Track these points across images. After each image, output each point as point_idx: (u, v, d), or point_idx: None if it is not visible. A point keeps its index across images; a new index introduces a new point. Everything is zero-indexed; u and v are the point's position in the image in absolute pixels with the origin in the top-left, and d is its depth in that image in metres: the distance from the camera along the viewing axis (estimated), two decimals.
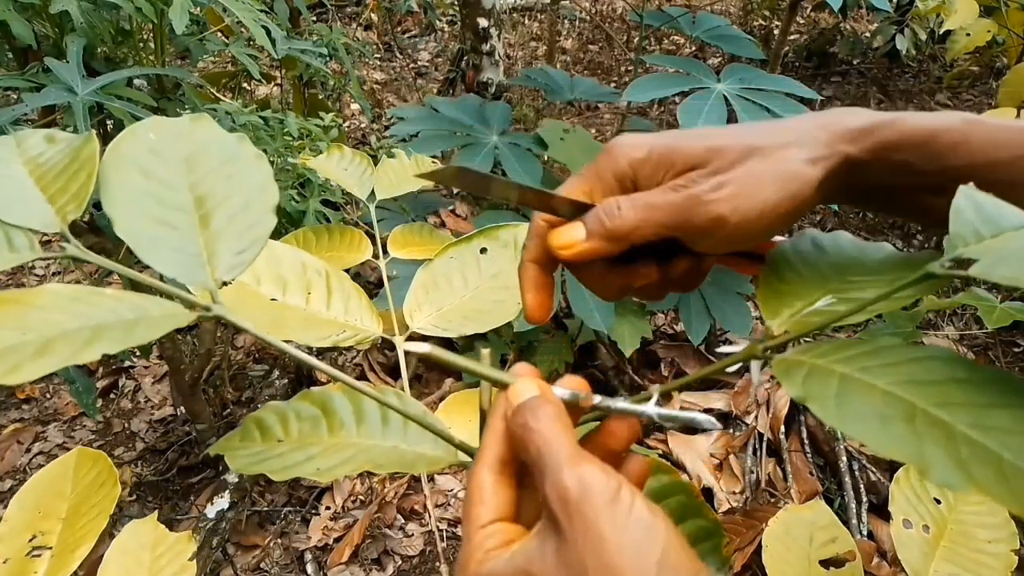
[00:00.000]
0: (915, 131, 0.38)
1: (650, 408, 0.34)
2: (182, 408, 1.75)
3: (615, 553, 0.27)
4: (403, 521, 1.64)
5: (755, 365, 0.35)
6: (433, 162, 0.90)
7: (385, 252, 0.81)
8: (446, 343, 1.96)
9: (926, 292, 0.34)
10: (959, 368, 0.31)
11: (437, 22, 3.89)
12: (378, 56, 3.60)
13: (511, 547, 0.31)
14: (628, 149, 0.37)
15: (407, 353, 0.35)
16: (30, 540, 0.50)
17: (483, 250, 0.59)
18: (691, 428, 1.75)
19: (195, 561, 0.53)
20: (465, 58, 2.38)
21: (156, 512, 0.58)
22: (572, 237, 0.37)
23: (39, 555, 0.50)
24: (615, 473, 0.29)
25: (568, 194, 0.37)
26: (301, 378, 1.90)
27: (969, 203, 0.34)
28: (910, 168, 0.38)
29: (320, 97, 2.27)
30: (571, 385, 0.35)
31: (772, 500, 1.62)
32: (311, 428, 0.46)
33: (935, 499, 0.66)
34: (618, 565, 0.27)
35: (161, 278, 0.36)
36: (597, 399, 0.35)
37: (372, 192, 0.83)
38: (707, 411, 1.81)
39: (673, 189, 0.36)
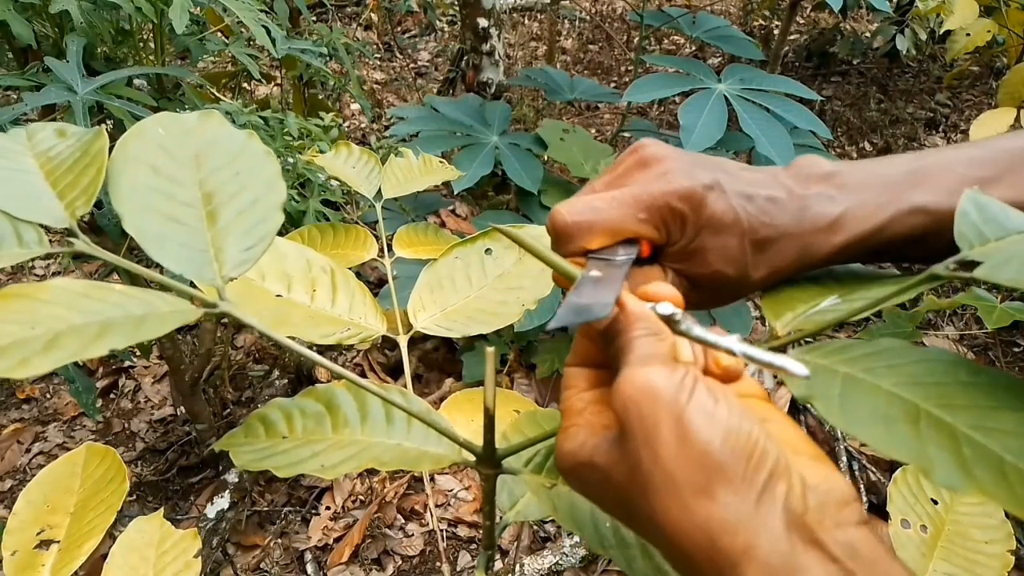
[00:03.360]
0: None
1: (733, 342, 0.31)
2: (182, 408, 1.75)
3: (671, 449, 0.26)
4: (403, 521, 1.63)
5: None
6: (441, 162, 0.90)
7: (389, 251, 0.81)
8: (447, 343, 1.95)
9: (929, 291, 0.34)
10: (962, 370, 0.31)
11: (437, 22, 3.89)
12: (378, 56, 3.60)
13: (592, 422, 0.31)
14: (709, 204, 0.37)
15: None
16: (38, 533, 0.50)
17: (488, 251, 0.59)
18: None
19: (200, 559, 0.53)
20: (465, 58, 2.38)
21: (161, 509, 0.58)
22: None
23: (47, 549, 0.50)
24: (683, 368, 0.28)
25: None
26: (301, 378, 1.90)
27: (973, 206, 0.35)
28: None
29: (320, 97, 2.27)
30: (665, 295, 0.33)
31: None
32: (315, 425, 0.46)
33: (932, 500, 0.66)
34: (672, 462, 0.26)
35: (162, 271, 0.36)
36: (684, 324, 0.32)
37: (379, 191, 0.83)
38: None
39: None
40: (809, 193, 0.38)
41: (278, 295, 0.51)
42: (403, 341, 0.58)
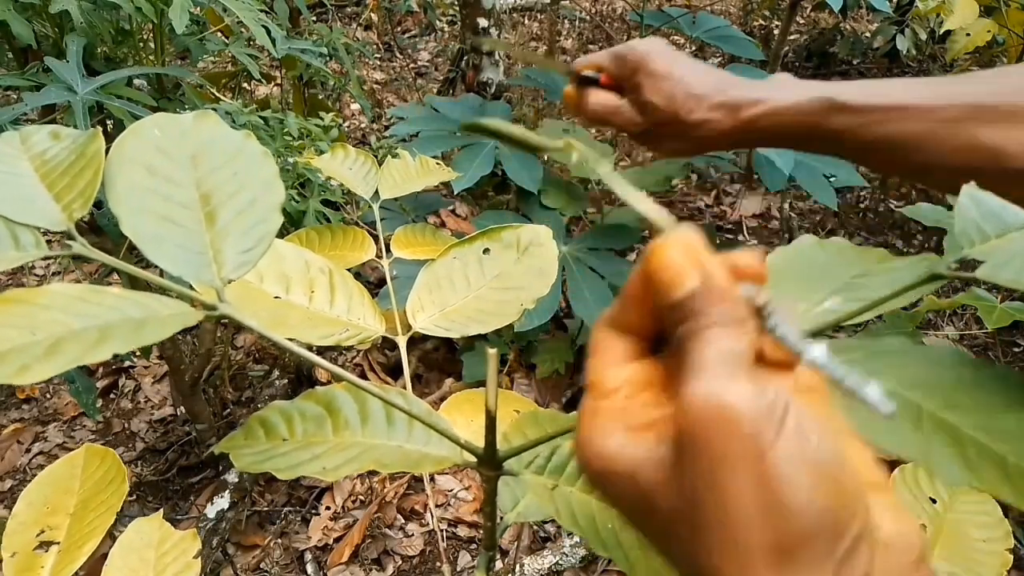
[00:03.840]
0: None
1: (820, 354, 0.25)
2: (182, 408, 1.75)
3: (742, 497, 0.21)
4: (403, 521, 1.63)
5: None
6: (438, 163, 0.90)
7: (388, 252, 0.81)
8: (447, 343, 1.95)
9: (929, 291, 0.34)
10: (965, 370, 0.31)
11: (437, 22, 3.88)
12: (378, 56, 3.60)
13: (629, 408, 0.25)
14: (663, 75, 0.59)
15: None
16: (38, 535, 0.50)
17: (486, 251, 0.59)
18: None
19: (199, 559, 0.53)
20: (465, 58, 2.38)
21: (161, 510, 0.58)
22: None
23: (46, 550, 0.50)
24: (775, 387, 0.22)
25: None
26: (301, 378, 1.90)
27: (972, 202, 0.35)
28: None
29: (320, 97, 2.27)
30: (751, 271, 0.26)
31: None
32: (316, 427, 0.46)
33: (931, 499, 0.66)
34: (741, 513, 0.21)
35: (162, 274, 0.36)
36: (774, 319, 0.25)
37: (376, 192, 0.83)
38: None
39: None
40: (758, 84, 0.58)
41: (276, 296, 0.51)
42: (402, 342, 0.58)
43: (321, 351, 1.76)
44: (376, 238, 0.82)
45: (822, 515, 0.21)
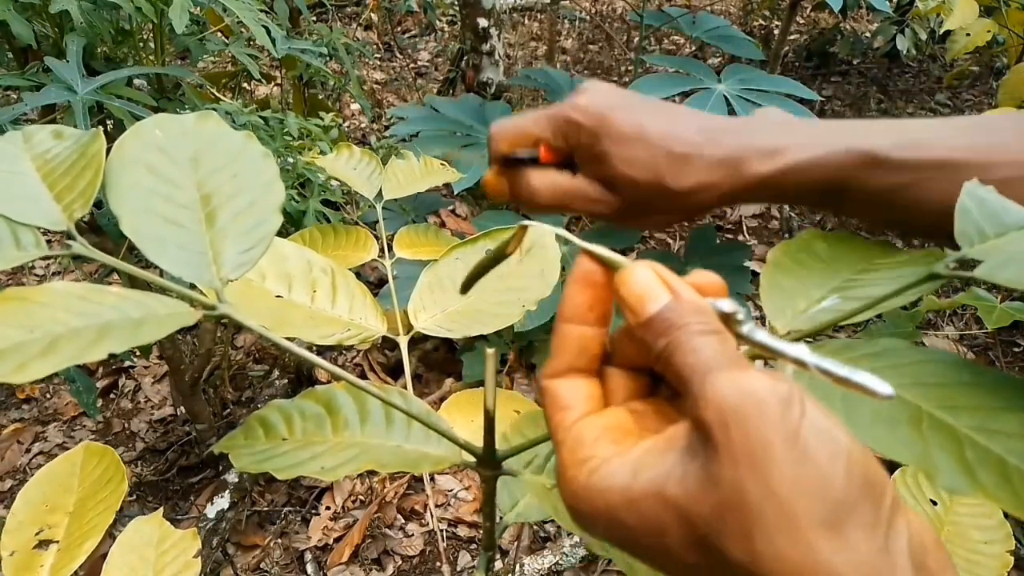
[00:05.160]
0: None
1: (804, 352, 0.26)
2: (182, 408, 1.75)
3: (785, 473, 0.21)
4: (403, 521, 1.63)
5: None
6: (442, 164, 0.90)
7: (390, 252, 0.81)
8: (447, 343, 1.95)
9: (929, 291, 0.34)
10: (964, 371, 0.31)
11: (437, 22, 3.88)
12: (378, 56, 3.60)
13: (623, 451, 0.25)
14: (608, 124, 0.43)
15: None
16: (37, 533, 0.50)
17: (488, 252, 0.59)
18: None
19: (199, 559, 0.53)
20: (465, 58, 2.38)
21: (160, 509, 0.58)
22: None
23: (46, 548, 0.50)
24: (783, 375, 0.23)
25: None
26: (301, 378, 1.90)
27: (974, 201, 0.35)
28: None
29: (320, 97, 2.27)
30: (713, 287, 0.28)
31: None
32: (315, 427, 0.46)
33: (932, 500, 0.66)
34: (788, 489, 0.21)
35: (162, 274, 0.36)
36: (746, 325, 0.27)
37: (380, 192, 0.84)
38: None
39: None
40: (757, 127, 0.44)
41: (278, 296, 0.51)
42: (403, 342, 0.58)
43: (321, 351, 1.76)
44: (377, 238, 0.82)
45: (863, 482, 0.21)
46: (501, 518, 0.52)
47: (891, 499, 0.22)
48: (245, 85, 1.96)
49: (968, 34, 1.83)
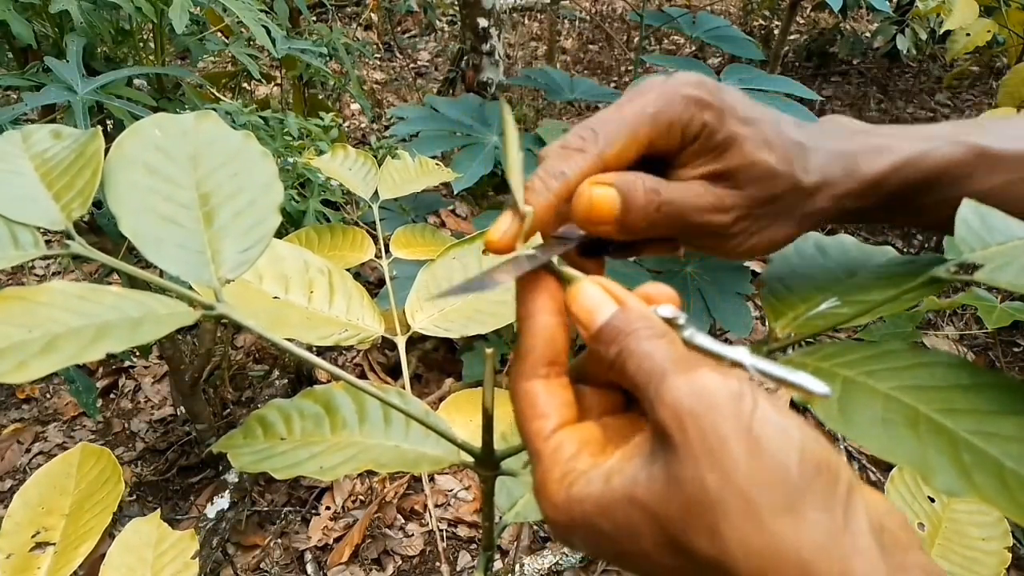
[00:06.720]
0: (922, 173, 0.36)
1: (743, 354, 0.27)
2: (182, 408, 1.75)
3: (741, 466, 0.22)
4: (403, 521, 1.63)
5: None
6: (437, 164, 0.90)
7: (387, 252, 0.81)
8: (447, 343, 1.95)
9: (929, 294, 0.34)
10: (963, 374, 0.31)
11: (437, 22, 3.89)
12: (378, 56, 3.60)
13: (600, 463, 0.26)
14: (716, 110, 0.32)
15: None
16: (33, 536, 0.50)
17: (485, 251, 0.59)
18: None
19: (197, 559, 0.53)
20: (465, 58, 2.38)
21: (158, 510, 0.58)
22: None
23: (43, 551, 0.50)
24: (733, 372, 0.24)
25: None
26: (301, 378, 1.90)
27: (974, 213, 0.34)
28: (908, 206, 0.38)
29: (320, 97, 2.27)
30: (663, 296, 0.29)
31: None
32: (314, 426, 0.46)
33: (929, 498, 0.67)
34: (746, 480, 0.22)
35: (161, 274, 0.36)
36: (688, 329, 0.28)
37: (375, 192, 0.84)
38: None
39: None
40: (854, 127, 0.38)
41: (275, 297, 0.51)
42: (401, 342, 0.58)
43: (321, 351, 1.76)
44: (376, 238, 0.82)
45: (816, 467, 0.22)
46: (500, 518, 0.52)
47: (846, 482, 0.23)
48: (245, 85, 1.96)
49: (968, 34, 1.83)
